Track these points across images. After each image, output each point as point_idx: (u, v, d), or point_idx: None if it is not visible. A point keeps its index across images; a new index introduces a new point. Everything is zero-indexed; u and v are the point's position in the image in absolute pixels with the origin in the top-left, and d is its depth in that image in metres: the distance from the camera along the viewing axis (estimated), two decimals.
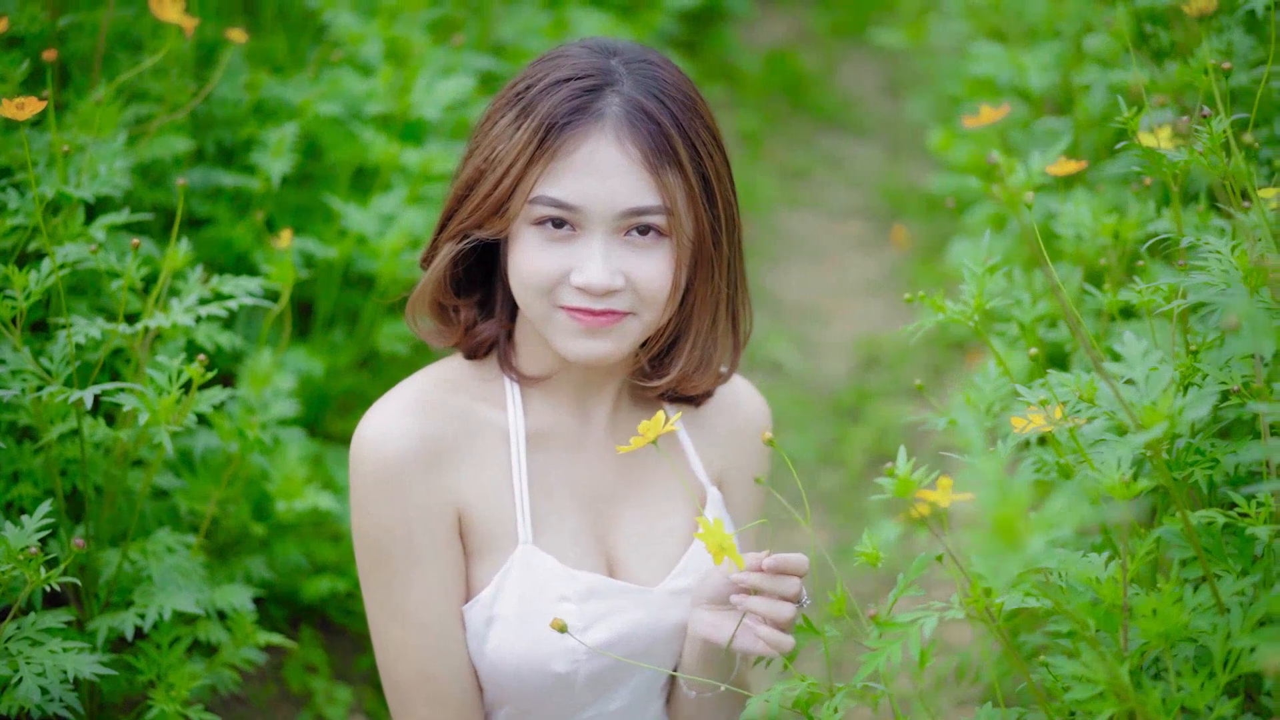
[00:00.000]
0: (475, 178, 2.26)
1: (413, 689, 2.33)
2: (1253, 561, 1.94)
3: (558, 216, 2.19)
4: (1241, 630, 1.78)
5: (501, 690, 2.35)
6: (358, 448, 2.28)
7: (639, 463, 2.44)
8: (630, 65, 2.24)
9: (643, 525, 2.42)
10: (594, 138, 2.18)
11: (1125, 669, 1.78)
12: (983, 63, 3.99)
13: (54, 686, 2.29)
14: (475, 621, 2.32)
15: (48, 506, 2.33)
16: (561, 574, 2.31)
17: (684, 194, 2.20)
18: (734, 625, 2.19)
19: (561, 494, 2.37)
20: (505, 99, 2.26)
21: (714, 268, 2.27)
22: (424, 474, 2.26)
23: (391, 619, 2.31)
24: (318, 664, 3.31)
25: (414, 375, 2.39)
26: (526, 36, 4.61)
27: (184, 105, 3.26)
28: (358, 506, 2.29)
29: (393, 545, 2.27)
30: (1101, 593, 1.87)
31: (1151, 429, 1.71)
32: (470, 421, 2.33)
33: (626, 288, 2.20)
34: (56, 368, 2.52)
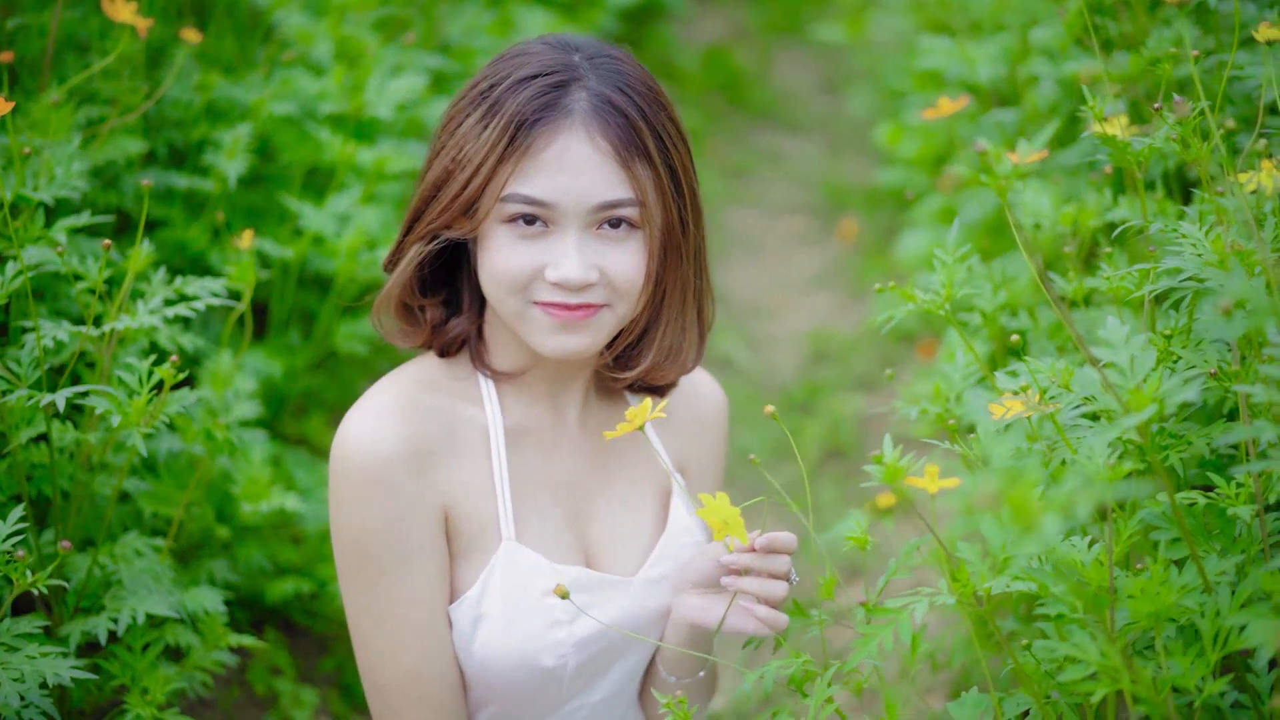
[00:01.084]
0: (443, 178, 2.25)
1: (399, 692, 2.32)
2: (1233, 541, 1.96)
3: (531, 214, 2.19)
4: (1231, 608, 1.81)
5: (489, 689, 2.35)
6: (342, 450, 2.26)
7: (610, 455, 2.45)
8: (593, 60, 2.24)
9: (616, 517, 2.44)
10: (564, 134, 2.18)
11: (1117, 649, 1.80)
12: (931, 56, 4.01)
13: (32, 692, 2.27)
14: (462, 621, 2.31)
15: (20, 511, 2.31)
16: (546, 569, 2.32)
17: (653, 185, 2.22)
18: (723, 607, 2.21)
19: (540, 490, 2.37)
20: (469, 99, 2.25)
21: (682, 256, 2.28)
22: (411, 475, 2.25)
23: (378, 621, 2.30)
24: (282, 666, 3.29)
25: (388, 377, 2.38)
26: (472, 35, 4.60)
27: (136, 107, 3.24)
28: (341, 509, 2.27)
29: (379, 548, 2.26)
30: (1087, 576, 1.89)
31: (1141, 411, 1.72)
32: (451, 420, 2.32)
33: (601, 281, 2.21)
34: (25, 371, 2.49)
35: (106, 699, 2.74)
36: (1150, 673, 1.81)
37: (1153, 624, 1.82)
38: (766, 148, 6.49)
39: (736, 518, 1.98)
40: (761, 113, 6.79)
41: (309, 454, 3.61)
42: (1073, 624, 1.90)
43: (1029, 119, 3.79)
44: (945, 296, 2.45)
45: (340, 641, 3.50)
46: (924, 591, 1.94)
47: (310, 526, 3.33)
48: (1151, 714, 1.80)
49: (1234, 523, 1.97)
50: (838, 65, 6.91)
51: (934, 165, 4.53)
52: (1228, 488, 1.96)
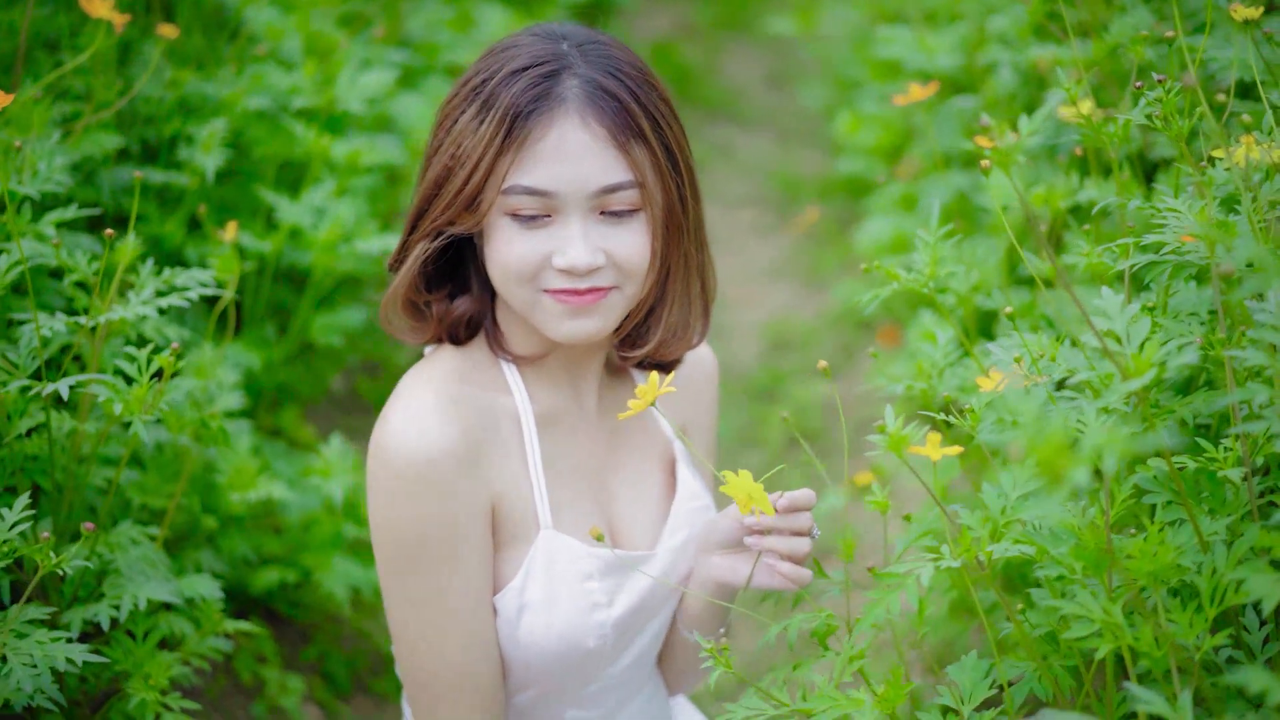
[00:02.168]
0: (444, 176, 2.27)
1: (442, 683, 2.33)
2: (1223, 503, 2.03)
3: (533, 204, 2.22)
4: (1228, 565, 1.87)
5: (530, 672, 2.38)
6: (393, 449, 2.25)
7: (620, 432, 2.49)
8: (582, 47, 2.26)
9: (632, 491, 2.48)
10: (559, 122, 2.20)
11: (1119, 607, 1.86)
12: (891, 46, 4.08)
13: (45, 676, 2.30)
14: (508, 610, 2.33)
15: (25, 499, 2.33)
16: (582, 554, 2.35)
17: (651, 166, 2.24)
18: (748, 566, 2.26)
19: (568, 474, 2.40)
20: (463, 95, 2.27)
21: (684, 233, 2.31)
22: (462, 473, 2.26)
23: (424, 618, 2.30)
24: (268, 655, 3.32)
25: (416, 373, 2.38)
26: (434, 30, 4.64)
27: (111, 103, 3.25)
28: (391, 510, 2.26)
29: (431, 544, 2.26)
30: (1084, 538, 1.95)
31: (1142, 376, 1.79)
32: (488, 411, 2.33)
33: (608, 264, 2.23)
34: (23, 362, 2.52)
35: (102, 689, 2.77)
36: (1151, 630, 1.87)
37: (1152, 583, 1.88)
38: (718, 142, 6.55)
39: (760, 491, 2.03)
40: (711, 107, 6.85)
41: (286, 445, 3.65)
42: (1073, 585, 1.96)
43: (989, 106, 3.87)
44: (929, 275, 2.51)
45: (322, 630, 3.54)
46: (927, 557, 1.99)
47: (293, 516, 3.36)
48: (1153, 668, 1.86)
49: (1223, 485, 2.04)
50: (784, 60, 6.98)
51: (892, 154, 4.60)
52: (1216, 451, 2.03)
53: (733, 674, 2.03)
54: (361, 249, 3.49)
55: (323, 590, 3.33)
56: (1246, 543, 1.87)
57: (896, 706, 2.05)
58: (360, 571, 3.34)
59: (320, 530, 3.34)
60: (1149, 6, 3.26)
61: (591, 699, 2.46)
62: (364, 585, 3.35)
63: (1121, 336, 1.89)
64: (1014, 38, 3.90)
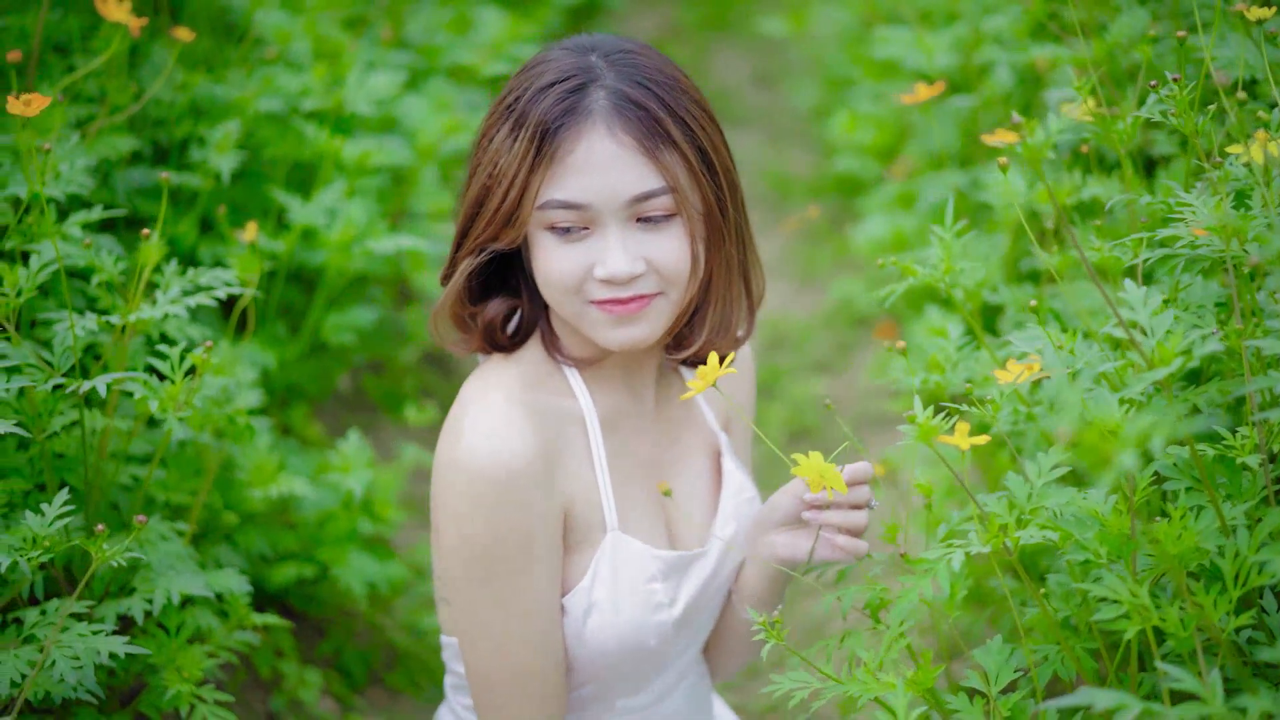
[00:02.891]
0: (483, 195, 2.31)
1: (509, 684, 2.36)
2: (1240, 489, 2.09)
3: (569, 217, 2.25)
4: (1250, 547, 1.93)
5: (592, 670, 2.43)
6: (472, 462, 2.27)
7: (673, 427, 2.54)
8: (610, 58, 2.29)
9: (685, 487, 2.52)
10: (587, 134, 2.23)
11: (1145, 590, 1.92)
12: (889, 45, 4.14)
13: (88, 669, 2.34)
14: (575, 610, 2.37)
15: (65, 494, 2.38)
16: (647, 555, 2.40)
17: (684, 170, 2.27)
18: (810, 541, 2.32)
19: (630, 475, 2.44)
20: (497, 114, 2.32)
21: (724, 235, 2.34)
22: (540, 484, 2.30)
23: (495, 622, 2.33)
24: (285, 649, 3.36)
25: (480, 381, 2.42)
26: (432, 33, 4.69)
27: (124, 106, 3.29)
28: (468, 521, 2.29)
29: (508, 554, 2.29)
30: (1108, 524, 2.01)
31: (1168, 365, 1.85)
32: (557, 416, 2.37)
33: (649, 270, 2.27)
34: (58, 361, 2.56)
35: (129, 684, 2.81)
36: (1177, 612, 1.93)
37: (1176, 566, 1.94)
38: None
39: (832, 470, 2.08)
40: None
41: (299, 443, 3.69)
42: (1098, 569, 2.02)
43: (986, 105, 3.93)
44: (945, 270, 2.57)
45: (337, 625, 3.58)
46: (957, 543, 2.05)
47: (309, 512, 3.40)
48: (1179, 649, 1.92)
49: (1240, 472, 2.10)
50: (771, 60, 7.04)
51: (886, 154, 4.66)
52: (1233, 439, 2.09)
53: (785, 647, 2.08)
54: (375, 249, 3.53)
55: (340, 585, 3.37)
56: (1268, 526, 1.93)
57: (926, 689, 2.11)
58: (376, 566, 3.39)
59: (336, 526, 3.39)
60: (1145, 7, 3.32)
61: (643, 689, 2.51)
62: (380, 580, 3.39)
63: (1145, 327, 1.95)
64: (1010, 38, 3.96)
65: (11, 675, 2.32)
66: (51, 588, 2.68)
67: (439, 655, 3.70)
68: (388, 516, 3.48)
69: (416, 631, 3.72)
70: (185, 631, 2.70)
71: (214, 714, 2.62)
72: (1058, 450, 2.09)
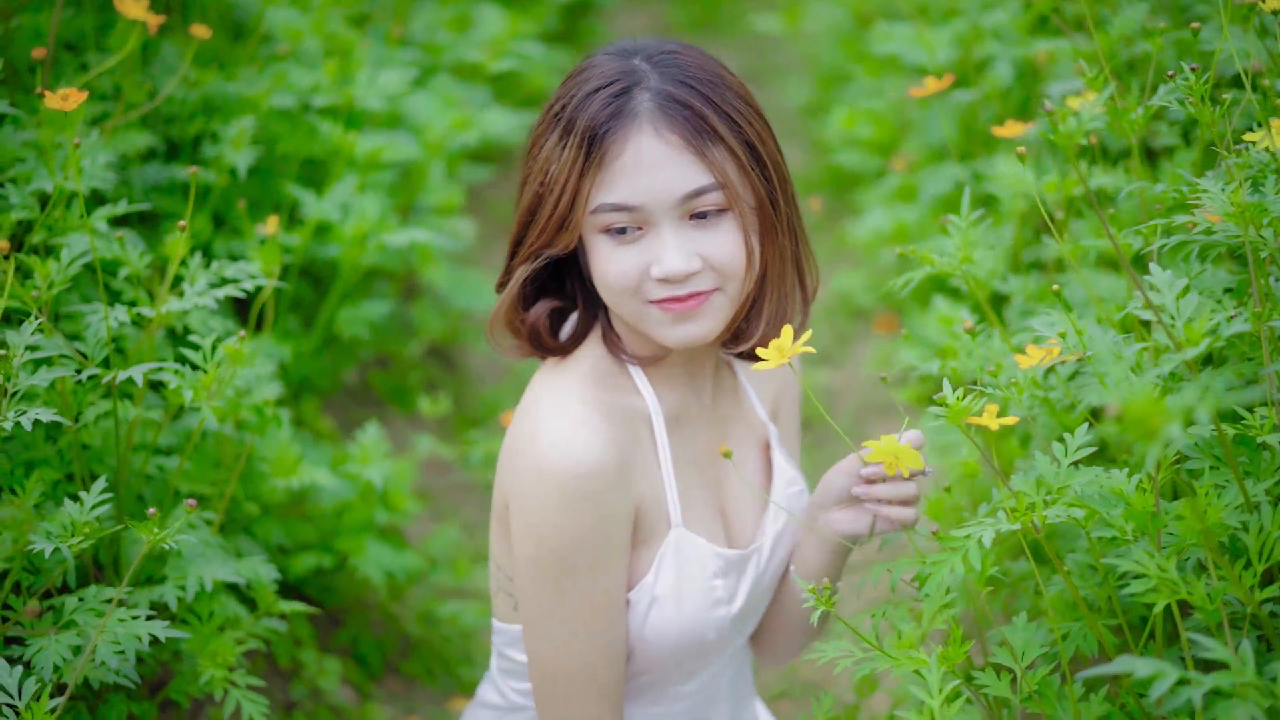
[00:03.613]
0: (536, 202, 2.34)
1: (571, 677, 2.40)
2: (1259, 467, 2.15)
3: (622, 219, 2.28)
4: (1274, 523, 1.99)
5: (650, 661, 2.46)
6: (552, 462, 2.30)
7: (728, 421, 2.57)
8: (653, 60, 2.31)
9: (738, 482, 2.56)
10: (634, 137, 2.26)
11: (1173, 564, 1.98)
12: (890, 41, 4.20)
13: (129, 653, 2.38)
14: (639, 604, 2.41)
15: (104, 481, 2.42)
16: (709, 552, 2.44)
17: (733, 165, 2.29)
18: (867, 515, 2.37)
19: (691, 471, 2.47)
20: (545, 122, 2.35)
21: (777, 227, 2.36)
22: (617, 485, 2.32)
23: (564, 617, 2.36)
24: (304, 638, 3.41)
25: (549, 381, 2.44)
26: (433, 31, 4.74)
27: (140, 103, 3.33)
28: (546, 519, 2.31)
29: (581, 555, 2.32)
30: (1132, 503, 2.07)
31: (1197, 345, 1.91)
32: (627, 414, 2.39)
33: (705, 267, 2.29)
34: (92, 352, 2.60)
35: (154, 674, 2.85)
36: (1204, 585, 1.98)
37: (1202, 541, 1.99)
38: None
39: (907, 450, 2.13)
40: None
41: (313, 435, 3.74)
42: (1124, 546, 2.08)
43: (987, 99, 3.99)
44: (961, 259, 2.63)
45: (353, 614, 3.63)
46: (986, 521, 2.11)
47: (326, 503, 3.44)
48: (1206, 621, 1.98)
49: (1260, 450, 2.16)
50: (760, 58, 7.08)
51: (884, 149, 4.72)
52: (1253, 419, 2.14)
53: (835, 615, 2.13)
54: (388, 242, 3.58)
55: (358, 575, 3.42)
56: None
57: (956, 664, 2.16)
58: (393, 556, 3.44)
59: (354, 516, 3.43)
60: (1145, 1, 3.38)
61: (696, 676, 2.56)
62: (397, 570, 3.44)
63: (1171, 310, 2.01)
64: (1009, 33, 4.02)
65: (54, 660, 2.36)
66: (82, 576, 2.72)
67: (452, 645, 3.76)
68: (403, 507, 3.52)
69: (430, 621, 3.76)
70: (216, 618, 2.74)
71: (247, 698, 2.67)
72: (1084, 431, 2.15)
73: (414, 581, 3.68)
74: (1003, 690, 2.21)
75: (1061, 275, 3.23)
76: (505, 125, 4.22)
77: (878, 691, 3.22)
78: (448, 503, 4.30)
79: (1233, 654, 1.81)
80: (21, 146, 3.00)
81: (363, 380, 4.44)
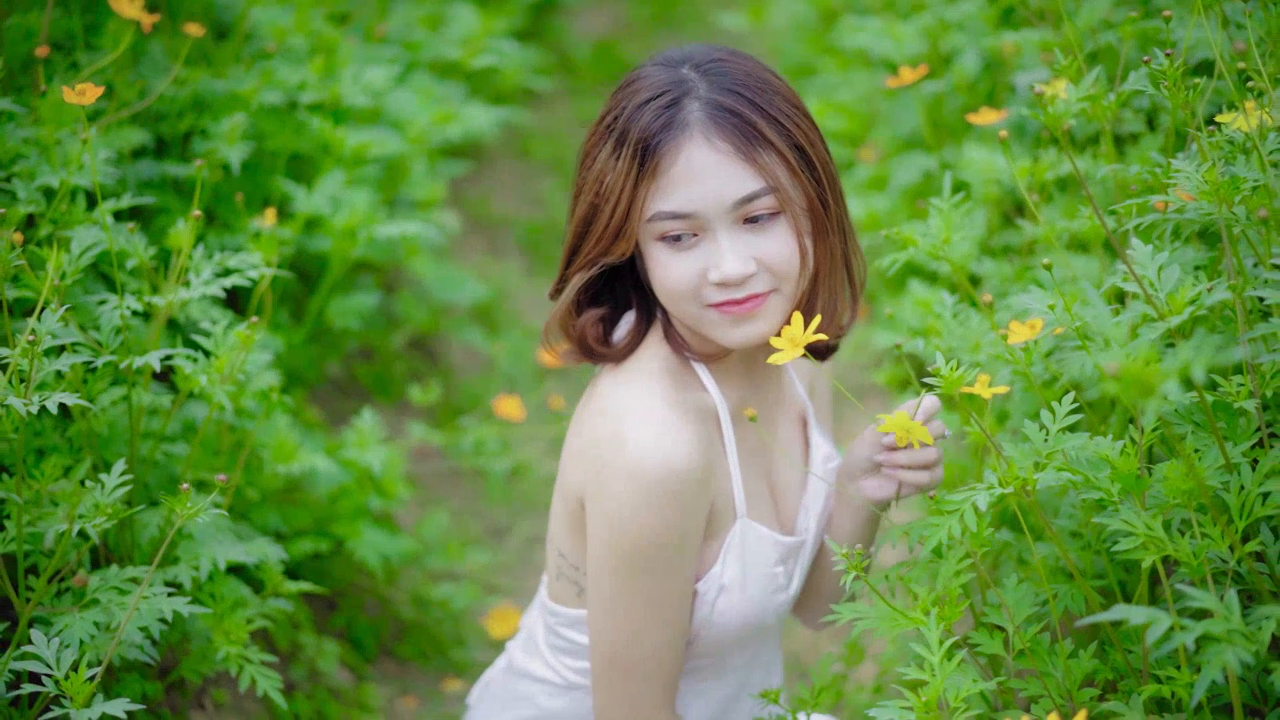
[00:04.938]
0: (591, 213, 2.41)
1: (637, 665, 2.47)
2: (1236, 432, 2.26)
3: (678, 226, 2.35)
4: (1254, 481, 2.11)
5: (711, 646, 2.56)
6: (644, 466, 2.36)
7: (774, 404, 2.64)
8: (701, 68, 2.38)
9: (783, 462, 2.64)
10: (685, 146, 2.33)
11: (1159, 523, 2.09)
12: (859, 35, 4.30)
13: (154, 629, 2.46)
14: (708, 593, 2.49)
15: (122, 464, 2.50)
16: (769, 540, 2.53)
17: (784, 169, 2.36)
18: (893, 481, 2.48)
19: (751, 462, 2.55)
20: (598, 134, 2.42)
21: (828, 227, 2.43)
22: (701, 485, 2.40)
23: (634, 608, 2.43)
24: (302, 621, 3.49)
25: (626, 382, 2.50)
26: (410, 29, 4.82)
27: (131, 101, 3.40)
28: (630, 516, 2.38)
29: (660, 551, 2.40)
30: (1117, 466, 2.18)
31: (1180, 314, 2.02)
32: (700, 413, 2.46)
33: (760, 269, 2.36)
34: (107, 339, 2.68)
35: (161, 658, 2.92)
36: (1188, 542, 2.10)
37: (1186, 501, 2.11)
38: None
39: (919, 426, 2.23)
40: None
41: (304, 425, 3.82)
42: (1110, 507, 2.19)
43: (955, 90, 4.10)
44: (944, 239, 2.73)
45: (347, 599, 3.71)
46: (979, 486, 2.21)
47: (320, 489, 3.52)
48: (1191, 575, 2.09)
49: (1236, 415, 2.27)
50: None
51: (853, 140, 4.82)
52: (1230, 386, 2.25)
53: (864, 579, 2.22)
54: (379, 234, 3.66)
55: (355, 559, 3.50)
56: (1270, 460, 2.10)
57: (953, 623, 2.27)
58: (388, 540, 3.52)
59: (348, 502, 3.52)
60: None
61: (746, 652, 2.66)
62: (392, 554, 3.52)
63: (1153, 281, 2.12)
64: (975, 25, 4.14)
65: (81, 636, 2.44)
66: (93, 560, 2.80)
67: (445, 627, 3.85)
68: (396, 493, 3.61)
69: (423, 604, 3.85)
70: (229, 598, 2.82)
71: (261, 673, 2.75)
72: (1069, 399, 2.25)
73: (407, 565, 3.76)
74: (996, 648, 2.32)
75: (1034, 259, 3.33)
76: (486, 120, 4.30)
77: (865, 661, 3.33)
78: (434, 489, 4.38)
79: (1219, 603, 1.93)
80: (22, 143, 3.07)
81: (347, 372, 4.52)
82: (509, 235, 5.86)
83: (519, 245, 5.84)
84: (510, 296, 5.41)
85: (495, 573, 4.17)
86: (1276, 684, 1.92)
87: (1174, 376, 1.62)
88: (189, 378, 2.69)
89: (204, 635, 2.88)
